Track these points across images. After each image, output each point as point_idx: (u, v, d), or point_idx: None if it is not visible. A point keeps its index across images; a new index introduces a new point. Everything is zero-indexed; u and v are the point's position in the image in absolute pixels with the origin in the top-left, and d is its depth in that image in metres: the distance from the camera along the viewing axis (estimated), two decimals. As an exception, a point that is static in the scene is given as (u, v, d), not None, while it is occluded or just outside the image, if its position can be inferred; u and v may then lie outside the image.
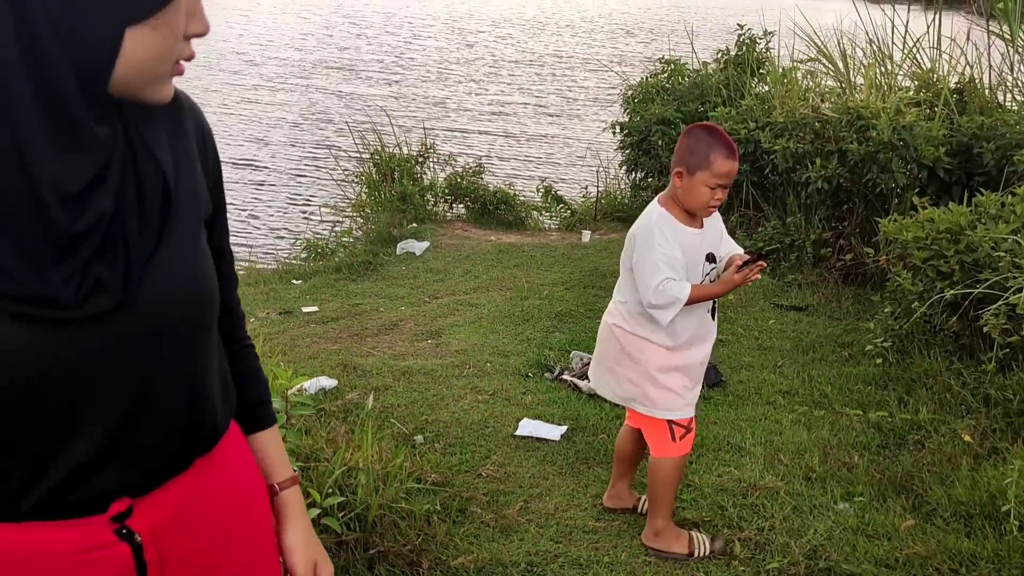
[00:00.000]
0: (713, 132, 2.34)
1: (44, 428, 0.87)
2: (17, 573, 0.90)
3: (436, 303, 5.22)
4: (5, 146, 0.76)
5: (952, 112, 5.31)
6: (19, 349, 0.81)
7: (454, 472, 2.98)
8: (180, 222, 0.93)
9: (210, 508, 1.03)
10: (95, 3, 0.77)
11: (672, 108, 7.09)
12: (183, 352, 0.95)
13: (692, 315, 2.41)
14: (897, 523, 2.60)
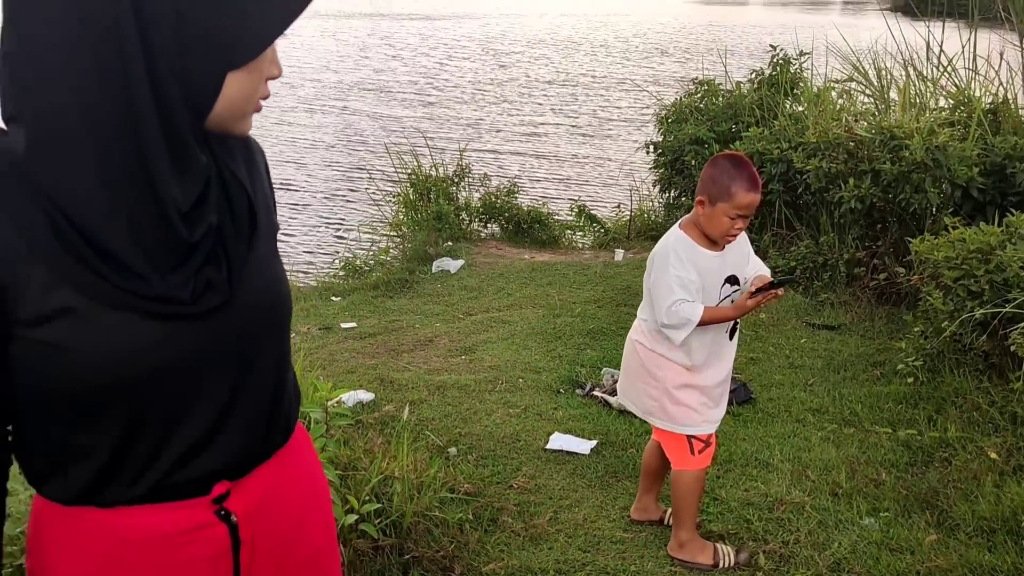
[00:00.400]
0: (738, 164, 2.38)
1: (163, 414, 0.99)
2: (128, 553, 1.02)
3: (470, 320, 5.33)
4: (136, 172, 0.89)
5: (985, 132, 5.31)
6: (148, 342, 0.94)
7: (486, 483, 3.06)
8: (262, 235, 1.06)
9: (289, 495, 1.15)
10: (205, 52, 0.89)
11: (705, 128, 7.16)
12: (268, 346, 1.08)
13: (707, 335, 2.48)
14: (921, 538, 2.64)
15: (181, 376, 0.98)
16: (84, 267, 0.90)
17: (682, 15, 45.27)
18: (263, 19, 0.91)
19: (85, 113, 0.86)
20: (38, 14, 0.85)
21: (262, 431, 1.10)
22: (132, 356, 0.94)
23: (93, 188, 0.88)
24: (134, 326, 0.94)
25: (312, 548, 1.20)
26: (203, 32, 0.88)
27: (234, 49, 0.91)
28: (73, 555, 1.03)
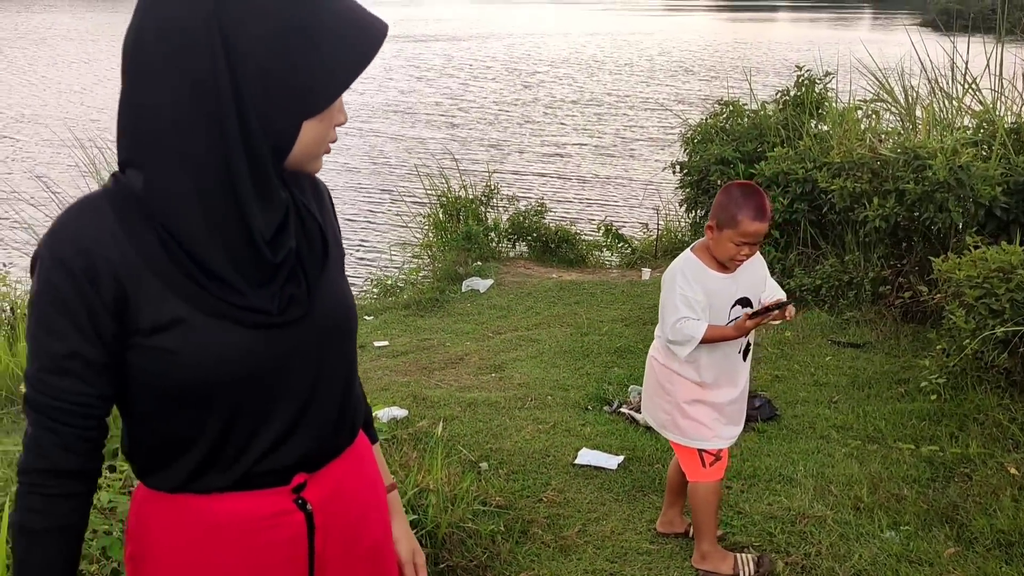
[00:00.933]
0: (747, 193, 2.48)
1: (253, 410, 1.14)
2: (220, 535, 1.16)
3: (499, 338, 5.46)
4: (230, 206, 1.06)
5: (1009, 151, 5.36)
6: (243, 347, 1.11)
7: (516, 496, 3.18)
8: (332, 258, 1.23)
9: (354, 490, 1.29)
10: (285, 104, 1.05)
11: (731, 148, 7.25)
12: (339, 353, 1.23)
13: (717, 353, 2.58)
14: (940, 551, 2.72)
15: (269, 377, 1.14)
16: (192, 282, 1.07)
17: (707, 33, 45.37)
18: (332, 75, 1.06)
19: (190, 159, 1.03)
20: (153, 80, 1.03)
21: (333, 429, 1.24)
22: (230, 359, 1.10)
23: (197, 218, 1.05)
24: (232, 333, 1.10)
25: (372, 540, 1.33)
26: (283, 88, 1.04)
27: (309, 101, 1.06)
28: (173, 538, 1.17)
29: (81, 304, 1.04)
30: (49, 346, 1.06)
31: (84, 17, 51.27)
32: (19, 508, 1.10)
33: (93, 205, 1.07)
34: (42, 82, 23.89)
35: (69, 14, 53.15)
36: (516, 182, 12.52)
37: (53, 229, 1.06)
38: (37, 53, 30.64)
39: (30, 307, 1.07)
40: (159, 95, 1.02)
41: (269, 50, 1.02)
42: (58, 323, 1.05)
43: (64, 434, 1.08)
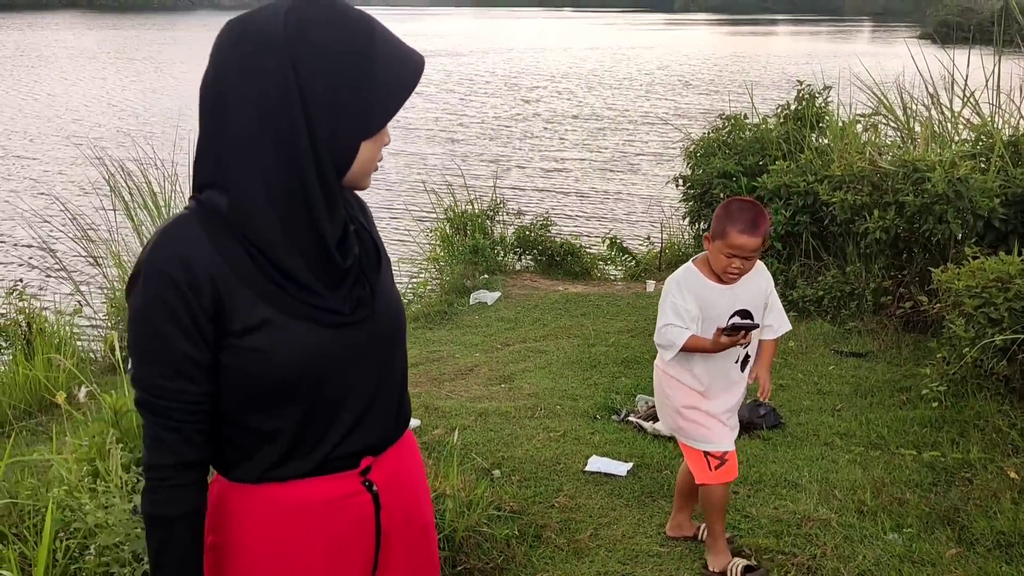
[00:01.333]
0: (741, 208, 2.55)
1: (330, 402, 1.28)
2: (299, 519, 1.29)
3: (508, 350, 5.55)
4: (304, 218, 1.20)
5: (1007, 164, 5.47)
6: (322, 344, 1.25)
7: (529, 502, 3.27)
8: (383, 265, 1.37)
9: (408, 475, 1.42)
10: (347, 126, 1.19)
11: (733, 162, 7.37)
12: (396, 350, 1.37)
13: (712, 363, 2.66)
14: (942, 552, 2.80)
15: (342, 372, 1.28)
16: (277, 288, 1.21)
17: (707, 46, 45.61)
18: (385, 101, 1.21)
19: (268, 180, 1.18)
20: (235, 112, 1.17)
21: (394, 417, 1.38)
22: (311, 356, 1.24)
23: (277, 230, 1.20)
24: (312, 333, 1.24)
25: (424, 521, 1.47)
26: (345, 114, 1.19)
27: (366, 124, 1.21)
28: (255, 525, 1.29)
29: (187, 312, 1.18)
30: (163, 353, 1.19)
31: (85, 35, 51.64)
32: (151, 501, 1.23)
33: (186, 223, 1.21)
34: (48, 100, 24.11)
35: (70, 31, 53.53)
36: (518, 197, 12.63)
37: (156, 246, 1.19)
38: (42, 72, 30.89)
39: (136, 320, 1.19)
40: (240, 125, 1.17)
41: (333, 82, 1.17)
42: (169, 331, 1.18)
43: (185, 431, 1.21)
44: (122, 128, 18.49)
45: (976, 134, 6.04)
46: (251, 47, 1.16)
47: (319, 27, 1.17)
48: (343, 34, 1.18)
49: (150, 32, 54.65)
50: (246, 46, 1.17)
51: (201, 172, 1.22)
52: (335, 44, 1.17)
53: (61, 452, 2.97)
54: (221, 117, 1.18)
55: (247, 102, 1.16)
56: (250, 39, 1.17)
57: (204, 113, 1.20)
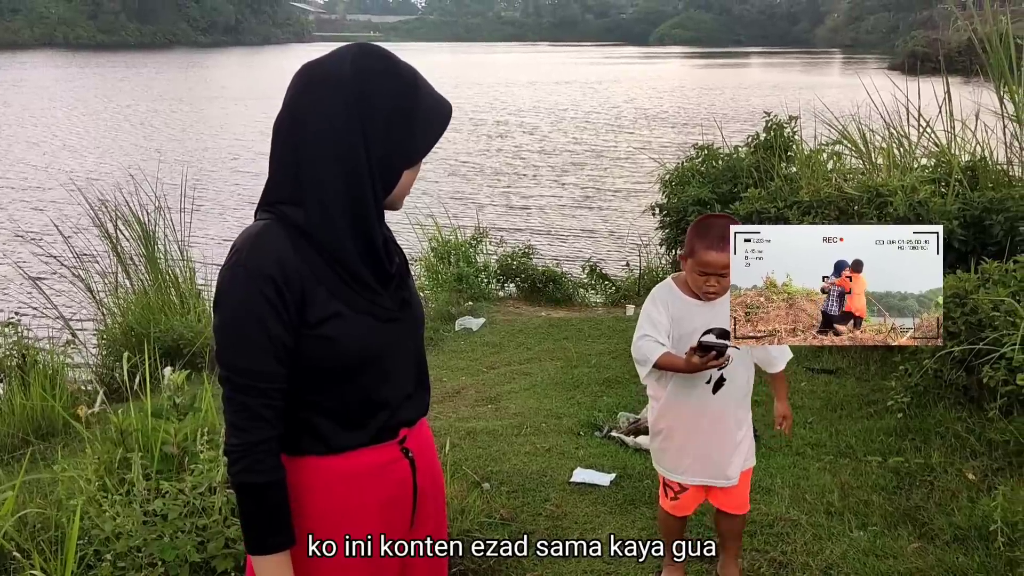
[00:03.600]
0: (708, 225, 2.48)
1: (380, 382, 1.53)
2: (354, 483, 1.53)
3: (493, 372, 5.74)
4: (364, 230, 1.46)
5: (964, 188, 5.76)
6: (378, 334, 1.51)
7: (518, 511, 3.44)
8: (409, 272, 1.61)
9: (429, 445, 1.67)
10: (396, 155, 1.47)
11: (707, 190, 7.65)
12: (421, 343, 1.61)
13: (683, 382, 2.55)
14: (904, 546, 3.01)
15: (389, 358, 1.54)
16: (345, 286, 1.47)
17: (679, 79, 46.38)
18: (424, 139, 1.49)
19: (337, 197, 1.44)
20: (310, 145, 1.43)
21: (423, 396, 1.63)
22: (369, 343, 1.50)
23: (346, 239, 1.45)
24: (371, 324, 1.50)
25: (441, 491, 1.74)
26: (395, 148, 1.47)
27: (410, 155, 1.49)
28: (321, 492, 1.52)
29: (281, 304, 1.41)
30: (263, 340, 1.41)
31: (47, 73, 51.74)
32: (244, 471, 1.42)
33: (272, 229, 1.45)
34: (13, 138, 24.23)
35: (40, 71, 53.60)
36: (500, 226, 12.86)
37: (252, 248, 1.42)
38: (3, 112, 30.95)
39: (238, 312, 1.41)
40: (313, 152, 1.43)
41: (387, 120, 1.45)
42: (269, 320, 1.40)
43: (277, 407, 1.44)
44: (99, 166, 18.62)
45: (935, 160, 6.35)
46: (323, 88, 1.43)
47: (377, 75, 1.44)
48: (395, 81, 1.45)
49: (131, 70, 54.85)
50: (319, 87, 1.43)
51: (276, 190, 1.48)
52: (389, 89, 1.44)
53: (71, 469, 3.12)
54: (296, 145, 1.44)
55: (320, 133, 1.42)
56: (322, 81, 1.44)
57: (281, 142, 1.46)
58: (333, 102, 1.42)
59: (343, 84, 1.43)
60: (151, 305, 6.67)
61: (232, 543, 2.52)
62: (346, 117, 1.42)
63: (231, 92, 39.63)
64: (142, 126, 27.14)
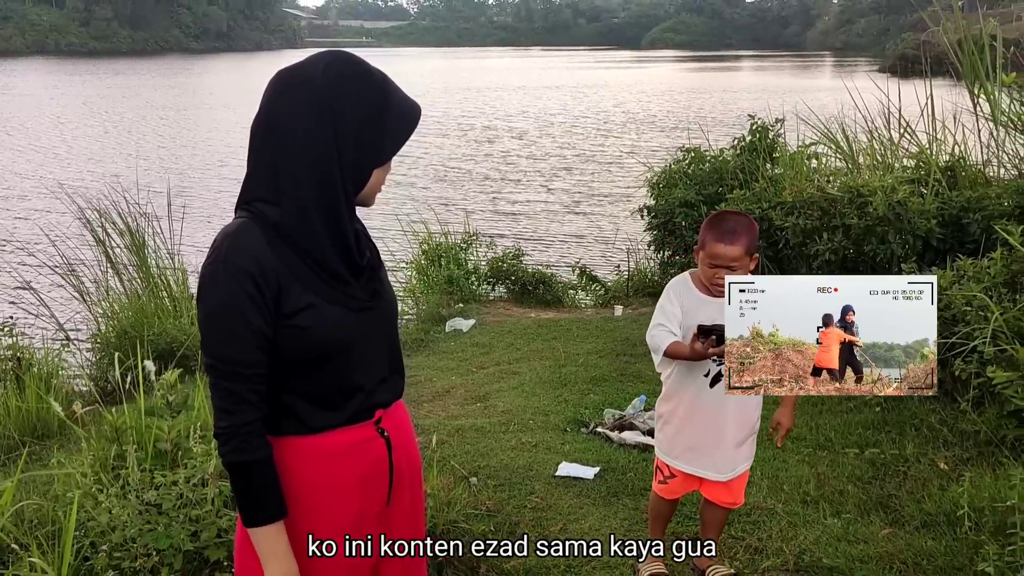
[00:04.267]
0: (719, 219, 2.58)
1: (356, 369, 1.64)
2: (334, 460, 1.63)
3: (483, 372, 5.83)
4: (336, 226, 1.57)
5: (943, 188, 5.88)
6: (350, 323, 1.62)
7: (504, 503, 3.54)
8: (381, 264, 1.71)
9: (405, 426, 1.78)
10: (365, 157, 1.58)
11: (693, 192, 7.76)
12: (394, 330, 1.72)
13: (682, 373, 2.66)
14: (876, 532, 3.11)
15: (363, 346, 1.65)
16: (319, 279, 1.58)
17: (667, 80, 46.54)
18: (393, 140, 1.61)
19: (311, 197, 1.55)
20: (286, 146, 1.54)
21: (398, 380, 1.75)
22: (342, 332, 1.61)
23: (320, 236, 1.56)
24: (343, 314, 1.61)
25: (416, 468, 1.83)
26: (366, 148, 1.58)
27: (379, 155, 1.60)
28: (302, 469, 1.63)
29: (260, 297, 1.52)
30: (246, 332, 1.51)
31: (35, 80, 51.78)
32: (242, 451, 1.53)
33: (248, 228, 1.55)
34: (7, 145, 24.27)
35: (28, 78, 53.58)
36: (489, 229, 12.94)
37: (231, 247, 1.53)
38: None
39: (222, 306, 1.51)
40: (289, 153, 1.54)
41: (358, 122, 1.56)
42: (251, 314, 1.51)
43: (261, 392, 1.54)
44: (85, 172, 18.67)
45: (915, 161, 6.48)
46: (297, 92, 1.54)
47: (348, 79, 1.56)
48: (365, 86, 1.57)
49: (118, 78, 54.85)
50: (294, 92, 1.55)
51: (253, 189, 1.59)
52: (360, 93, 1.56)
53: (68, 465, 3.20)
54: (272, 147, 1.55)
55: (294, 135, 1.53)
56: (296, 86, 1.55)
57: (258, 143, 1.57)
58: (307, 105, 1.53)
59: (316, 89, 1.53)
60: (144, 309, 6.76)
61: (224, 532, 2.61)
62: (318, 120, 1.53)
63: (220, 98, 39.66)
64: (129, 133, 27.17)
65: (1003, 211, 5.31)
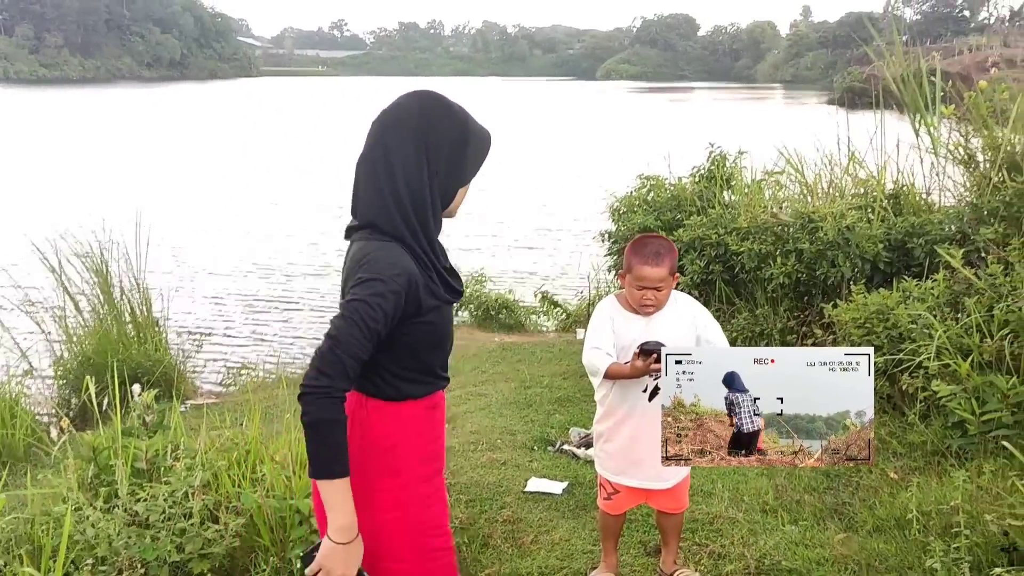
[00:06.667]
0: (643, 242, 2.70)
1: (446, 351, 2.03)
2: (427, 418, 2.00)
3: (450, 395, 5.93)
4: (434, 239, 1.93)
5: (888, 214, 6.17)
6: (450, 320, 2.02)
7: (476, 517, 3.65)
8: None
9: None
10: (452, 179, 1.94)
11: (652, 217, 7.97)
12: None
13: (621, 390, 2.76)
14: (831, 537, 3.28)
15: (449, 329, 2.03)
16: (435, 284, 1.92)
17: (623, 110, 47.28)
18: (474, 163, 1.98)
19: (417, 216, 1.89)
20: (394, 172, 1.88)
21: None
22: (448, 324, 2.01)
23: (429, 249, 1.91)
24: (449, 311, 2.01)
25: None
26: (453, 171, 1.94)
27: (462, 177, 1.97)
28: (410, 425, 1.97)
29: (397, 304, 1.83)
30: (375, 328, 1.79)
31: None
32: (322, 409, 1.75)
33: (395, 247, 1.86)
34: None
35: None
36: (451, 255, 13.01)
37: (392, 263, 1.82)
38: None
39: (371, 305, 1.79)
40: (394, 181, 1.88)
41: (447, 152, 1.92)
42: (385, 318, 1.81)
43: (356, 368, 1.80)
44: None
45: (863, 188, 6.77)
46: (398, 130, 1.89)
47: (437, 118, 1.91)
48: (452, 121, 1.92)
49: (74, 104, 54.05)
50: (395, 129, 1.90)
51: (369, 213, 1.89)
52: (448, 127, 1.91)
53: (48, 484, 3.24)
54: (382, 177, 1.88)
55: (397, 166, 1.87)
56: (397, 124, 1.90)
57: (370, 173, 1.89)
58: (407, 139, 1.88)
59: (411, 127, 1.88)
60: (108, 336, 6.73)
61: (209, 544, 2.68)
62: (415, 150, 1.88)
63: (176, 127, 39.25)
64: (75, 163, 26.71)
65: (945, 236, 5.60)
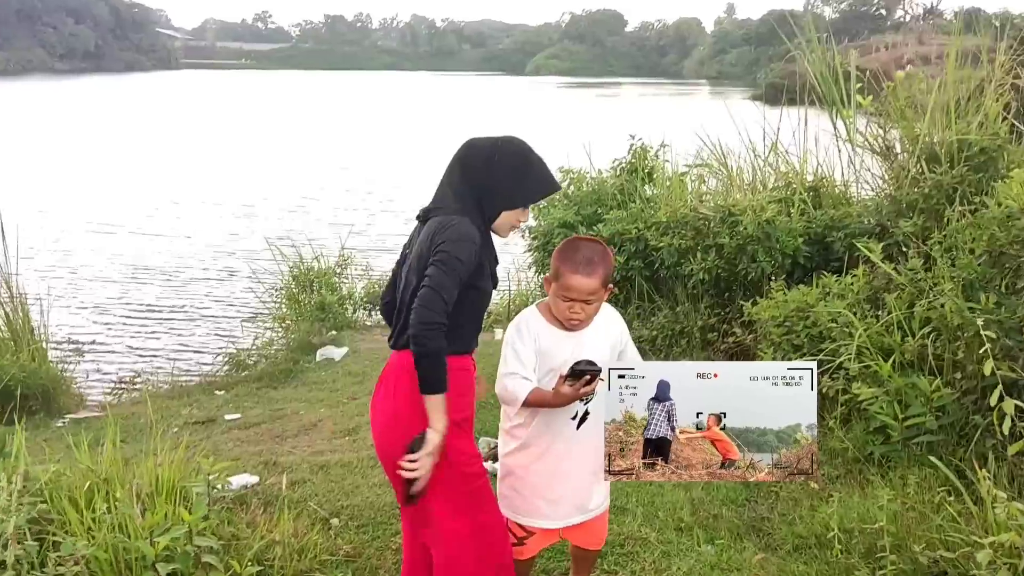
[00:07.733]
0: (574, 246, 2.38)
1: (480, 321, 2.47)
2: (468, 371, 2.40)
3: (355, 403, 5.55)
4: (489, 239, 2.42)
5: (808, 207, 6.01)
6: (491, 293, 2.44)
7: (366, 546, 3.28)
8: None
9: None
10: (500, 198, 2.39)
11: (572, 212, 7.71)
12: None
13: (545, 418, 2.41)
14: (749, 558, 3.03)
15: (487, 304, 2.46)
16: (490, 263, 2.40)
17: (549, 105, 47.28)
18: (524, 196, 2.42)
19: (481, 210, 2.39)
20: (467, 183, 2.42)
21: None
22: (487, 304, 2.45)
23: (487, 246, 2.39)
24: (489, 295, 2.43)
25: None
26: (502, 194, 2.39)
27: (509, 202, 2.40)
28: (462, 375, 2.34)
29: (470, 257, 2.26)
30: (459, 272, 2.24)
31: None
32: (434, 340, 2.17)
33: (468, 222, 2.31)
34: None
35: None
36: (362, 255, 12.55)
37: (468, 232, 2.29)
38: None
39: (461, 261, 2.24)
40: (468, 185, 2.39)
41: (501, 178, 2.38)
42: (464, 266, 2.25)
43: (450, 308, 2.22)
44: None
45: (784, 180, 6.62)
46: (477, 159, 2.41)
47: (507, 154, 2.40)
48: (516, 159, 2.40)
49: None
50: (474, 158, 2.41)
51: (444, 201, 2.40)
52: (510, 159, 2.39)
53: None
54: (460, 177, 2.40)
55: (470, 181, 2.38)
56: (475, 155, 2.41)
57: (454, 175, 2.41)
58: (481, 167, 2.40)
59: (485, 156, 2.40)
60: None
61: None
62: (485, 175, 2.38)
63: (79, 122, 37.41)
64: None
65: (864, 229, 5.45)
